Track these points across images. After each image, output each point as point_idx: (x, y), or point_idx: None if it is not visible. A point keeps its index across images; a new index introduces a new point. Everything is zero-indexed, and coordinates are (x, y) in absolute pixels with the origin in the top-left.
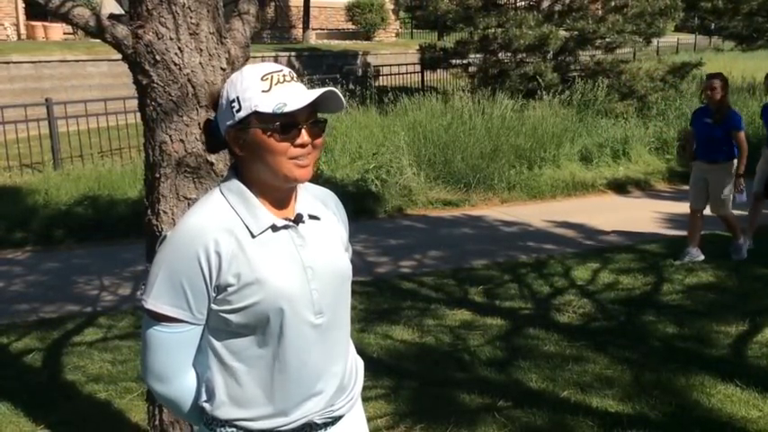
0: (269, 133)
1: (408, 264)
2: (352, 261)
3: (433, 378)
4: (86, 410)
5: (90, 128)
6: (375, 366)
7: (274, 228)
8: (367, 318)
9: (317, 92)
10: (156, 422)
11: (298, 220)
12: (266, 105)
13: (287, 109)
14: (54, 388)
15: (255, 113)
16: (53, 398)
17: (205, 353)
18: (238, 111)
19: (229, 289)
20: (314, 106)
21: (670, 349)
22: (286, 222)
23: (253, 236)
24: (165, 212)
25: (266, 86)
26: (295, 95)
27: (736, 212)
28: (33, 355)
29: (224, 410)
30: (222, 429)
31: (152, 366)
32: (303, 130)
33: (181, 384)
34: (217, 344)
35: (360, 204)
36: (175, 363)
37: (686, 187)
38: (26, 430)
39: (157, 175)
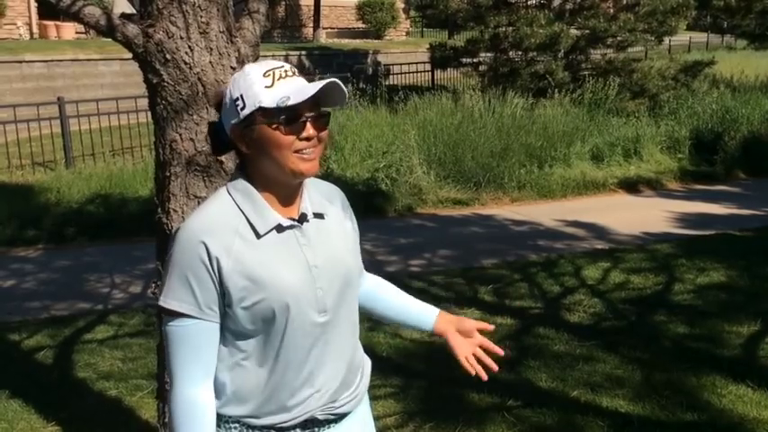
0: (274, 126)
1: (418, 263)
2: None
3: (442, 377)
4: (97, 408)
5: (102, 126)
6: (384, 365)
7: (280, 228)
8: None
9: (320, 84)
10: (166, 419)
11: (302, 219)
12: (270, 100)
13: (290, 102)
14: (65, 385)
15: (260, 109)
16: (64, 395)
17: None
18: (243, 108)
19: (235, 287)
20: (317, 99)
21: (681, 349)
22: (291, 222)
23: (258, 236)
24: (175, 211)
25: (269, 82)
26: (298, 89)
27: None
28: (44, 353)
29: (230, 408)
30: (227, 425)
31: (170, 363)
32: (308, 123)
33: (193, 389)
34: (223, 342)
35: (370, 203)
36: (186, 359)
37: (698, 186)
38: (37, 427)
39: (167, 174)
